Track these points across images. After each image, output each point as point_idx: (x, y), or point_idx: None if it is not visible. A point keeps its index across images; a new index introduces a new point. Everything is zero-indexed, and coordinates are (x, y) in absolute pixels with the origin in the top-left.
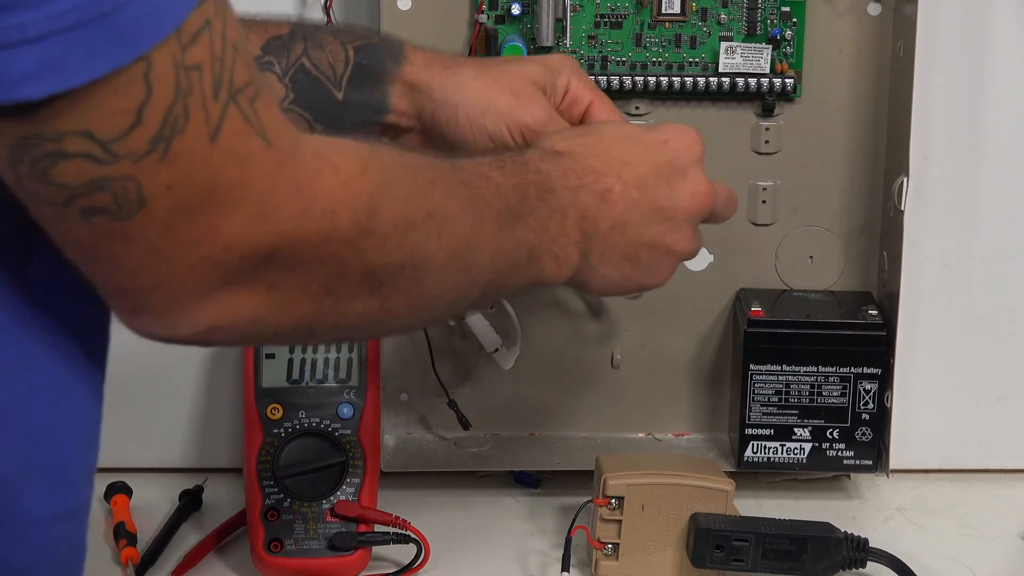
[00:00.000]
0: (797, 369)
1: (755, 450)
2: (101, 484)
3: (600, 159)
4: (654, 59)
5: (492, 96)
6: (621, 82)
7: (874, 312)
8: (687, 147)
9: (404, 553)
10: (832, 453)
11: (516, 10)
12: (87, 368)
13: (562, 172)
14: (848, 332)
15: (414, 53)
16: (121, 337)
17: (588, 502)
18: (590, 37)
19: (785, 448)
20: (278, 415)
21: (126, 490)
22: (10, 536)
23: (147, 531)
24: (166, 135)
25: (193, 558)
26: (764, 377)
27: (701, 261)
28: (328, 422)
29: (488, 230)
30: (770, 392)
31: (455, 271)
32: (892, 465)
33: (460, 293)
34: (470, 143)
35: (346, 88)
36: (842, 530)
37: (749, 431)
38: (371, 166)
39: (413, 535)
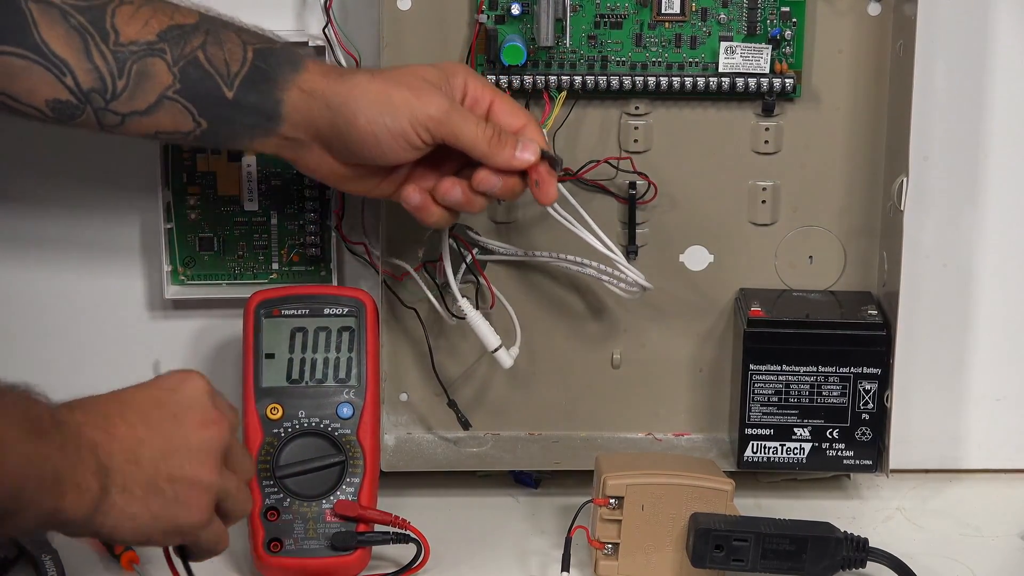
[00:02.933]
0: (797, 369)
1: (755, 450)
2: None
3: (111, 403)
4: (654, 59)
5: (389, 93)
6: (621, 82)
7: (874, 312)
8: (192, 386)
9: (404, 553)
10: (832, 453)
11: (516, 10)
12: None
13: (69, 408)
14: (848, 332)
15: (313, 63)
16: (120, 335)
17: (588, 502)
18: (590, 37)
19: (785, 448)
20: (278, 415)
21: None
22: None
23: None
24: None
25: None
26: (764, 377)
27: (701, 261)
28: (328, 422)
29: (11, 435)
30: (770, 392)
31: None
32: (892, 465)
33: None
34: (372, 145)
35: (238, 87)
36: (842, 530)
37: (749, 431)
38: None
39: (413, 535)
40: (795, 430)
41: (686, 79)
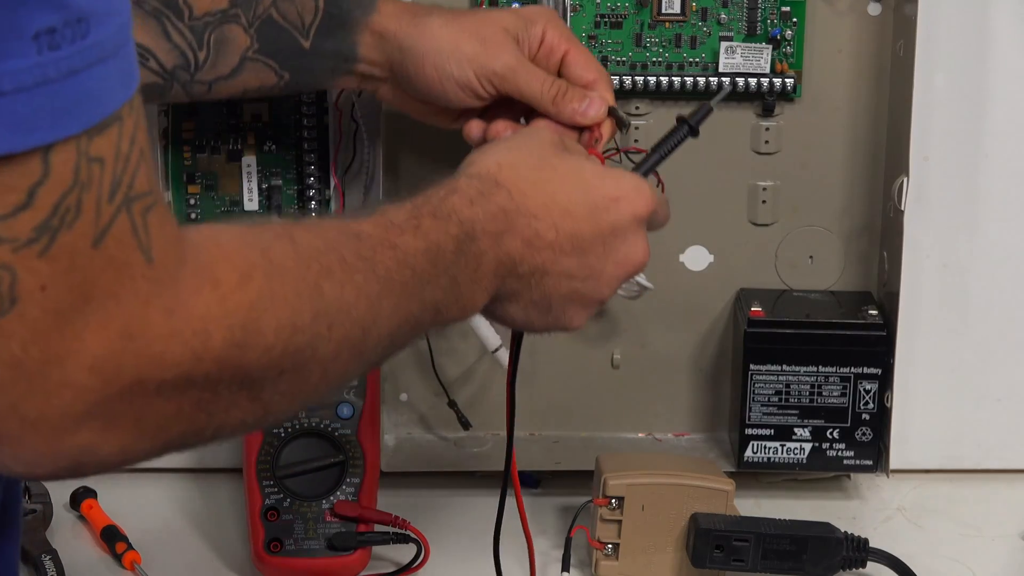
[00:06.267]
0: (797, 369)
1: (755, 450)
2: (63, 492)
3: (541, 203)
4: (654, 59)
5: (458, 42)
6: (621, 82)
7: (874, 312)
8: (636, 210)
9: (404, 553)
10: (832, 453)
11: None
12: None
13: (490, 215)
14: (848, 332)
15: (384, 3)
16: None
17: (588, 502)
18: (590, 37)
19: (785, 448)
20: None
21: (92, 494)
22: None
23: (141, 532)
24: (53, 226)
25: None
26: (764, 377)
27: (701, 261)
28: (328, 422)
29: (387, 306)
30: (770, 392)
31: (346, 360)
32: (892, 465)
33: (353, 373)
34: (438, 91)
35: (314, 37)
36: (842, 530)
37: (749, 431)
38: (256, 273)
39: (413, 535)
40: (795, 430)
41: (686, 79)
